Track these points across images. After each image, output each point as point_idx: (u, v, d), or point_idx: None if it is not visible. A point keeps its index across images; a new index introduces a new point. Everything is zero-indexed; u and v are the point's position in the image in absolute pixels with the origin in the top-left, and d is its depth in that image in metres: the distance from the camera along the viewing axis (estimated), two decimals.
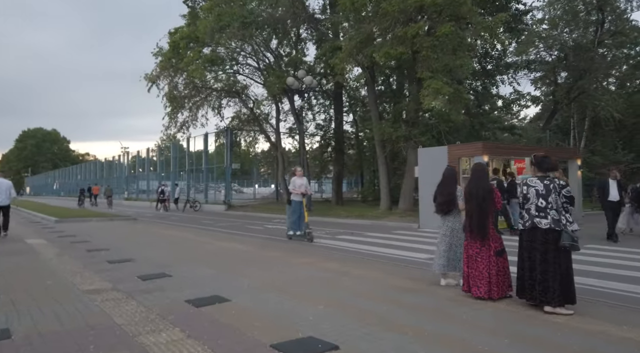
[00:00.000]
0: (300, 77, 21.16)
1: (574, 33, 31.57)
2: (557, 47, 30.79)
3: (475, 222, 5.32)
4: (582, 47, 29.47)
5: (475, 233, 5.32)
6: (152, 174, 40.12)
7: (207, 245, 10.78)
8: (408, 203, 18.38)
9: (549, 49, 30.97)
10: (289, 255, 8.98)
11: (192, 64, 20.40)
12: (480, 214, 5.32)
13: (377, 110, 19.78)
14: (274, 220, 18.73)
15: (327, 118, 28.69)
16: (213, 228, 16.06)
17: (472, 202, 5.41)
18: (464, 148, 13.49)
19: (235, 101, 28.00)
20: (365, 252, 9.64)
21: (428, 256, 8.71)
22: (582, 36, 31.01)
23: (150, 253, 9.44)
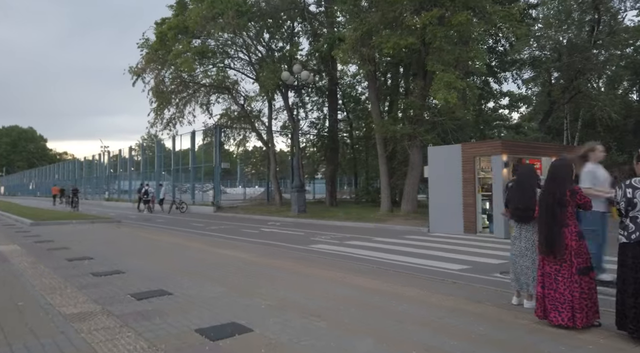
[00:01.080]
0: (295, 72, 20.10)
1: (568, 32, 31.21)
2: (551, 46, 30.36)
3: (543, 234, 4.35)
4: (577, 46, 29.05)
5: (543, 247, 4.35)
6: (134, 173, 38.50)
7: (203, 253, 9.63)
8: (411, 205, 17.47)
9: (542, 49, 30.52)
10: (301, 265, 7.91)
11: (181, 57, 19.14)
12: (548, 224, 4.34)
13: (378, 107, 18.84)
14: (269, 223, 17.61)
15: (320, 116, 27.68)
16: (205, 232, 14.87)
17: (541, 207, 4.44)
18: (480, 146, 12.62)
19: (225, 97, 26.75)
20: (387, 262, 8.63)
21: (460, 267, 7.74)
22: (577, 36, 30.65)
23: (141, 263, 8.26)
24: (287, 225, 16.65)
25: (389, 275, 6.93)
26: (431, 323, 4.45)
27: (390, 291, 5.86)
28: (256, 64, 23.44)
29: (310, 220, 17.93)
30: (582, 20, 30.83)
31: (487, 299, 5.34)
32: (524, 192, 5.18)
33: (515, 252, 5.26)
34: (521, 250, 5.17)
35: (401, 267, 7.98)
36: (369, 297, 5.59)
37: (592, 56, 28.83)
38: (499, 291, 5.75)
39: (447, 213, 12.93)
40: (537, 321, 4.46)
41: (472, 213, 12.37)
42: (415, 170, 17.22)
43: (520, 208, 5.14)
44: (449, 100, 13.18)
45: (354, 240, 11.86)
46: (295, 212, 19.85)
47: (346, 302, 5.31)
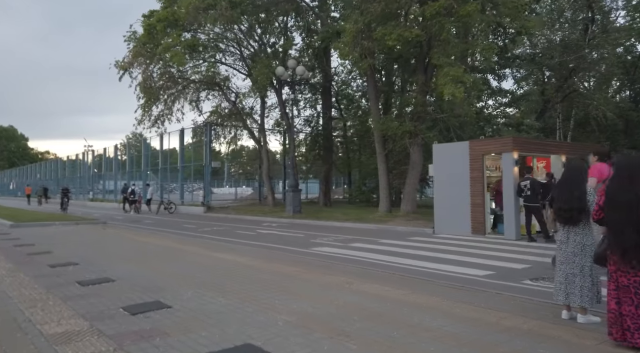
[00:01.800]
0: (290, 67, 19.41)
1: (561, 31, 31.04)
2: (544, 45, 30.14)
3: (632, 240, 3.73)
4: (571, 45, 28.85)
5: (631, 255, 3.73)
6: (120, 173, 37.38)
7: (199, 258, 8.89)
8: (411, 205, 16.89)
9: (534, 47, 30.28)
10: (308, 271, 7.24)
11: (171, 50, 18.28)
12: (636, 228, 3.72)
13: (377, 103, 18.22)
14: (264, 224, 16.88)
15: (313, 114, 26.99)
16: (198, 234, 14.09)
17: (622, 210, 3.81)
18: (489, 143, 12.07)
19: (215, 94, 25.90)
20: (399, 266, 7.99)
21: (483, 272, 7.14)
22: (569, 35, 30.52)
23: (133, 270, 7.51)
24: (284, 226, 15.95)
25: (406, 282, 6.29)
26: (481, 344, 3.82)
27: (413, 301, 5.22)
28: (248, 59, 22.65)
29: (306, 220, 17.25)
30: (576, 18, 30.70)
31: (531, 312, 4.73)
32: (572, 191, 4.57)
33: (561, 257, 4.65)
34: (567, 255, 4.57)
35: (416, 272, 7.36)
36: (392, 308, 4.94)
37: (586, 55, 28.69)
38: (540, 303, 5.14)
39: (454, 214, 12.37)
40: (607, 341, 3.84)
41: (481, 213, 11.82)
42: (416, 169, 16.65)
43: (564, 209, 4.54)
44: (456, 95, 12.63)
45: (357, 242, 11.22)
46: (290, 213, 19.15)
47: (370, 316, 4.66)
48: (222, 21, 17.93)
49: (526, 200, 10.73)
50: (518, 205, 11.20)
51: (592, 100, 26.95)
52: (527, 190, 10.63)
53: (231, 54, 23.12)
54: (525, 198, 10.74)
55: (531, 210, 10.71)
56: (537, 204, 10.62)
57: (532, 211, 10.71)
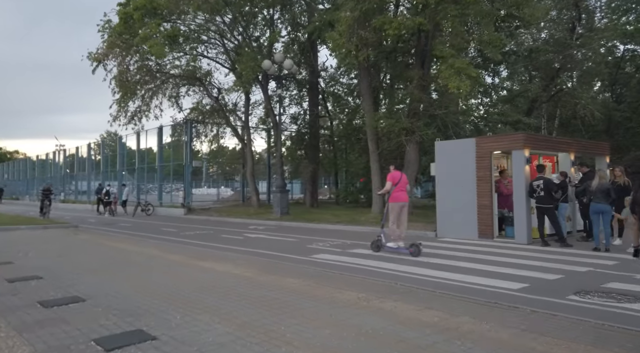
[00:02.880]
0: (278, 61, 18.36)
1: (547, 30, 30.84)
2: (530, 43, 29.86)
3: None
4: (558, 44, 28.58)
5: None
6: (93, 173, 35.61)
7: (185, 269, 7.80)
8: None
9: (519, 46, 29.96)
10: (316, 287, 6.26)
11: (149, 40, 16.99)
12: None
13: (371, 99, 17.30)
14: (251, 227, 15.79)
15: (299, 112, 25.94)
16: (180, 239, 12.93)
17: None
18: (498, 140, 11.28)
19: (196, 90, 24.58)
20: (412, 277, 7.08)
21: (516, 285, 6.27)
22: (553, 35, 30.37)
23: (108, 285, 6.39)
24: (272, 230, 14.90)
25: (434, 299, 5.36)
26: None
27: (456, 328, 4.29)
28: (232, 52, 21.47)
29: (295, 223, 16.24)
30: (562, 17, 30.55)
31: (610, 342, 3.85)
32: None
33: None
34: None
35: (436, 284, 6.45)
36: (436, 339, 3.99)
37: (572, 54, 28.49)
38: (620, 330, 4.25)
39: (458, 216, 11.55)
40: None
41: (489, 216, 11.03)
42: (411, 169, 15.81)
43: None
44: (461, 88, 11.84)
45: (357, 248, 10.27)
46: (278, 215, 18.09)
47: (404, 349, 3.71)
48: (204, 9, 16.72)
49: (539, 201, 9.97)
50: (529, 206, 10.44)
51: (580, 99, 26.73)
52: (539, 191, 9.87)
53: (214, 46, 21.90)
54: (537, 199, 9.98)
55: (544, 211, 9.95)
56: (551, 205, 9.88)
57: (545, 213, 9.95)
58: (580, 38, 28.87)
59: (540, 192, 9.90)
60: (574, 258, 8.43)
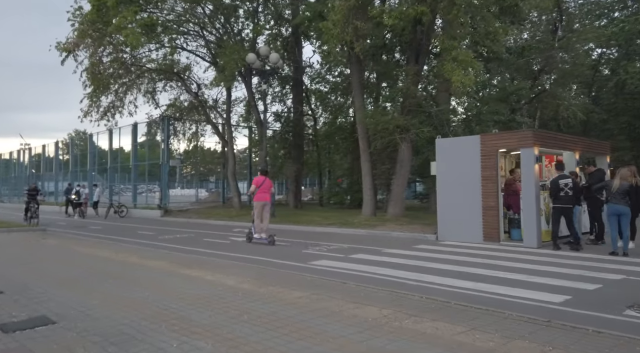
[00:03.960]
0: (263, 54, 17.42)
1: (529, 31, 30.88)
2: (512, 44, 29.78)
3: None
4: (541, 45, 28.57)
5: None
6: (61, 173, 33.77)
7: (173, 279, 6.84)
8: (399, 207, 15.34)
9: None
10: (327, 301, 5.42)
11: (125, 29, 15.76)
12: None
13: (362, 96, 16.54)
14: (235, 230, 14.80)
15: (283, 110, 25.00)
16: (160, 243, 11.87)
17: None
18: (505, 138, 10.66)
19: (174, 85, 23.34)
20: (433, 288, 6.33)
21: (557, 297, 5.57)
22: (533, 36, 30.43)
23: (84, 302, 5.40)
24: None
25: (473, 318, 4.59)
26: None
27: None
28: (214, 44, 20.37)
29: (283, 225, 15.33)
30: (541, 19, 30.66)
31: None
32: None
33: None
34: None
35: (464, 297, 5.71)
36: None
37: (554, 55, 28.54)
38: None
39: (462, 218, 10.90)
40: None
41: (495, 218, 10.41)
42: (405, 168, 15.15)
43: None
44: (465, 82, 11.23)
45: (359, 253, 9.47)
46: None
47: None
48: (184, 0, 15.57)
49: (563, 201, 9.37)
50: (539, 208, 9.87)
51: (562, 100, 26.73)
52: (567, 190, 9.30)
53: (194, 38, 20.71)
54: (562, 200, 9.37)
55: (564, 212, 9.39)
56: (572, 206, 9.34)
57: (565, 214, 9.39)
58: (561, 39, 29.00)
59: (569, 191, 9.32)
60: (596, 264, 7.84)
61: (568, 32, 29.75)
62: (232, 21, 20.95)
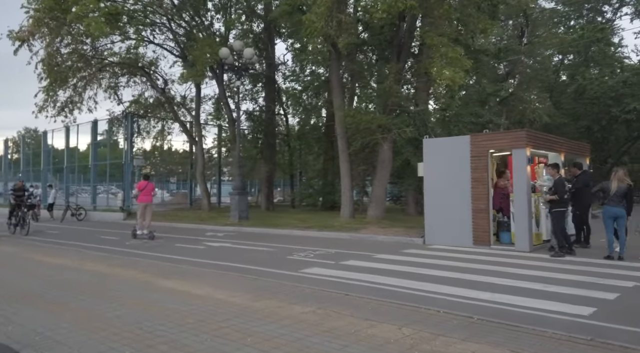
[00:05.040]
0: (236, 49, 16.62)
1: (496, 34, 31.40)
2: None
3: None
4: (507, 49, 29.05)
5: None
6: (10, 172, 31.51)
7: (152, 294, 6.06)
8: (380, 210, 14.92)
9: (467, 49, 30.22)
10: (334, 318, 4.85)
11: (87, 17, 14.54)
12: None
13: (342, 94, 16.02)
14: (209, 234, 13.93)
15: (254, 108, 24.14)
16: (126, 249, 10.90)
17: None
18: (497, 138, 10.37)
19: (138, 80, 22.04)
20: (443, 299, 5.85)
21: (584, 309, 5.19)
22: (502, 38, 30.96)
23: (51, 323, 4.58)
24: (235, 237, 13.16)
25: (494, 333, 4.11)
26: None
27: None
28: (182, 38, 19.30)
29: (259, 229, 14.59)
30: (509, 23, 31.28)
31: None
32: None
33: None
34: None
35: (473, 308, 5.27)
36: None
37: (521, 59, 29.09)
38: None
39: (450, 221, 10.55)
40: None
41: (485, 221, 10.11)
42: (386, 169, 14.75)
43: None
44: (456, 80, 10.91)
45: (349, 259, 8.91)
46: (236, 219, 16.30)
47: None
48: None
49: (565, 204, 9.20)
50: (531, 210, 9.63)
51: (529, 103, 27.26)
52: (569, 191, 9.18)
53: (161, 30, 19.55)
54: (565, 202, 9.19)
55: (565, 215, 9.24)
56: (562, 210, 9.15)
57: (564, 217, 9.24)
58: (527, 44, 29.62)
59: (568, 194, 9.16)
60: (600, 269, 7.60)
61: (533, 37, 30.50)
62: (202, 14, 19.95)
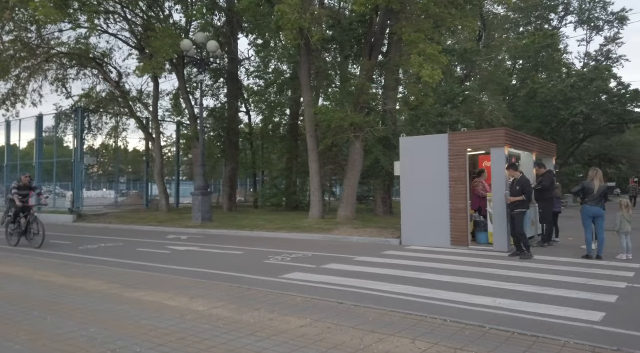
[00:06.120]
0: (199, 41, 15.80)
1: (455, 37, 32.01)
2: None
3: None
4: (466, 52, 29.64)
5: None
6: None
7: (120, 306, 5.36)
8: (350, 210, 14.58)
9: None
10: (335, 332, 4.41)
11: (33, 1, 13.21)
12: None
13: (311, 90, 15.52)
14: (171, 237, 13.06)
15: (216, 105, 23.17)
16: (82, 255, 9.93)
17: None
18: (476, 137, 10.24)
19: (88, 72, 20.60)
20: (439, 305, 5.54)
21: (594, 314, 5.00)
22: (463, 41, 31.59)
23: (1, 349, 3.85)
24: (201, 240, 12.39)
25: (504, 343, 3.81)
26: None
27: None
28: (140, 27, 18.14)
29: (225, 231, 13.88)
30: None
31: None
32: None
33: None
34: None
35: (479, 315, 5.00)
36: None
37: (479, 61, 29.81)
38: None
39: (428, 221, 10.36)
40: None
41: (464, 220, 9.97)
42: (356, 168, 14.42)
43: None
44: (435, 77, 10.71)
45: (330, 263, 8.47)
46: (199, 221, 15.47)
47: None
48: None
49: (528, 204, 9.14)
50: (509, 210, 9.56)
51: (488, 105, 27.95)
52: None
53: (116, 19, 18.29)
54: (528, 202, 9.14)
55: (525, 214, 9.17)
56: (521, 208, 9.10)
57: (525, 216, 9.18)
58: (485, 47, 30.40)
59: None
60: (583, 269, 7.58)
61: (490, 40, 31.34)
62: (160, 3, 18.85)
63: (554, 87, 35.23)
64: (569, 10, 44.68)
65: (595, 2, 42.89)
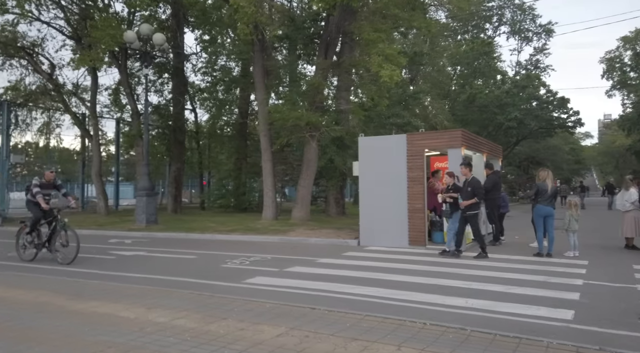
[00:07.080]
0: (144, 33, 14.92)
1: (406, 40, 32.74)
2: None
3: None
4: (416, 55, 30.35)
5: None
6: None
7: (72, 320, 4.80)
8: (305, 211, 14.32)
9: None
10: (314, 341, 4.18)
11: None
12: None
13: (264, 89, 15.07)
14: (113, 242, 12.17)
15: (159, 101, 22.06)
16: (16, 263, 8.96)
17: None
18: (433, 138, 10.33)
19: (16, 63, 18.88)
20: (420, 308, 5.45)
21: (566, 313, 5.08)
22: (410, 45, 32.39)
23: None
24: (147, 244, 11.64)
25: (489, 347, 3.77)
26: None
27: None
28: (76, 16, 16.83)
29: (173, 234, 13.16)
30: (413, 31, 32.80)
31: None
32: None
33: None
34: None
35: (456, 317, 4.96)
36: None
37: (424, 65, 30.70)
38: None
39: (386, 222, 10.34)
40: None
41: (421, 221, 10.04)
42: (311, 169, 14.20)
43: None
44: (394, 78, 10.70)
45: (293, 266, 8.19)
46: (143, 223, 14.58)
47: None
48: None
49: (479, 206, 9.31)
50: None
51: (432, 108, 28.80)
52: None
53: (48, 6, 16.83)
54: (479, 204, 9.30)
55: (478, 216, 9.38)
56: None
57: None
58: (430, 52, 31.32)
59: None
60: (539, 267, 7.84)
61: (435, 46, 32.35)
62: None
63: (491, 92, 37.09)
64: (502, 21, 47.34)
65: (525, 14, 45.79)
